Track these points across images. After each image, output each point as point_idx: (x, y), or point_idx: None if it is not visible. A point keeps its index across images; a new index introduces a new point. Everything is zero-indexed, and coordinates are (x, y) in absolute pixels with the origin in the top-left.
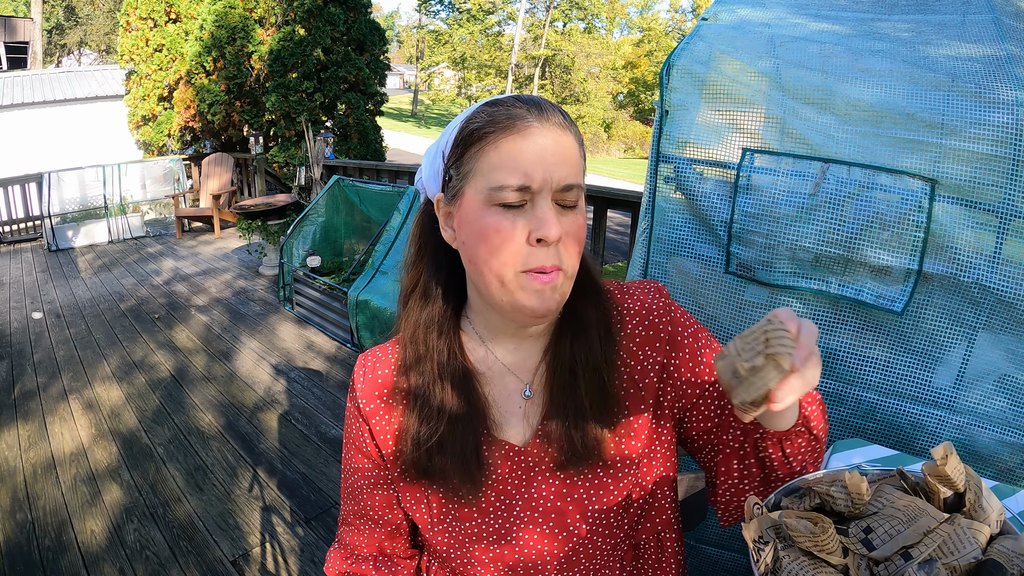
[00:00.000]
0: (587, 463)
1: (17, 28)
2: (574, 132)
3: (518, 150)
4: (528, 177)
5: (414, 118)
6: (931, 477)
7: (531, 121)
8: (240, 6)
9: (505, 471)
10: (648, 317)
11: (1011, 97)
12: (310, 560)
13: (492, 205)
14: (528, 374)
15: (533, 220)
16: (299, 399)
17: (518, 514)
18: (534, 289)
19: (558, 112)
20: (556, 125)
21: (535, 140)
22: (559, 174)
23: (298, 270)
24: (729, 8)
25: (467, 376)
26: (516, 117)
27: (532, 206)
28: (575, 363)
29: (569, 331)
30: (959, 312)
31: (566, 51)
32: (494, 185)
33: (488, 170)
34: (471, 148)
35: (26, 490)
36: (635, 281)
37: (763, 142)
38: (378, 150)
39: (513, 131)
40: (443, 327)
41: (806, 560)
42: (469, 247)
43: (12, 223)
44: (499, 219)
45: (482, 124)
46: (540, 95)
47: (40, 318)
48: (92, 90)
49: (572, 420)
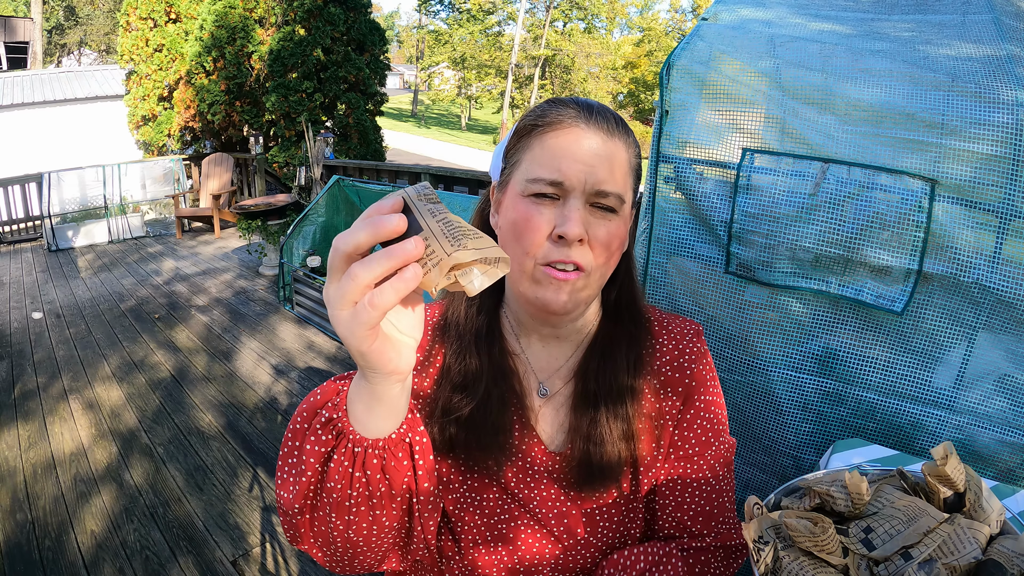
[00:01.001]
0: (600, 489)
1: (17, 28)
2: (625, 141)
3: (559, 147)
4: (562, 174)
5: (414, 118)
6: (931, 477)
7: (578, 121)
8: (240, 6)
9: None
10: (679, 359)
11: (1011, 97)
12: (310, 560)
13: (527, 196)
14: (546, 374)
15: (559, 216)
16: (299, 399)
17: (519, 511)
18: (550, 283)
19: (611, 119)
20: (604, 130)
21: (577, 140)
22: (595, 177)
23: (298, 270)
24: (729, 8)
25: (503, 354)
26: (565, 115)
27: (563, 203)
28: (599, 388)
29: (599, 352)
30: (959, 312)
31: (566, 51)
32: (531, 176)
33: (530, 162)
34: (521, 140)
35: (26, 490)
36: (676, 317)
37: (763, 142)
38: (378, 150)
39: (559, 128)
40: (483, 306)
41: (806, 560)
42: (503, 232)
43: (12, 223)
44: (530, 209)
45: (534, 119)
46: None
47: (40, 318)
48: (92, 90)
49: (592, 447)
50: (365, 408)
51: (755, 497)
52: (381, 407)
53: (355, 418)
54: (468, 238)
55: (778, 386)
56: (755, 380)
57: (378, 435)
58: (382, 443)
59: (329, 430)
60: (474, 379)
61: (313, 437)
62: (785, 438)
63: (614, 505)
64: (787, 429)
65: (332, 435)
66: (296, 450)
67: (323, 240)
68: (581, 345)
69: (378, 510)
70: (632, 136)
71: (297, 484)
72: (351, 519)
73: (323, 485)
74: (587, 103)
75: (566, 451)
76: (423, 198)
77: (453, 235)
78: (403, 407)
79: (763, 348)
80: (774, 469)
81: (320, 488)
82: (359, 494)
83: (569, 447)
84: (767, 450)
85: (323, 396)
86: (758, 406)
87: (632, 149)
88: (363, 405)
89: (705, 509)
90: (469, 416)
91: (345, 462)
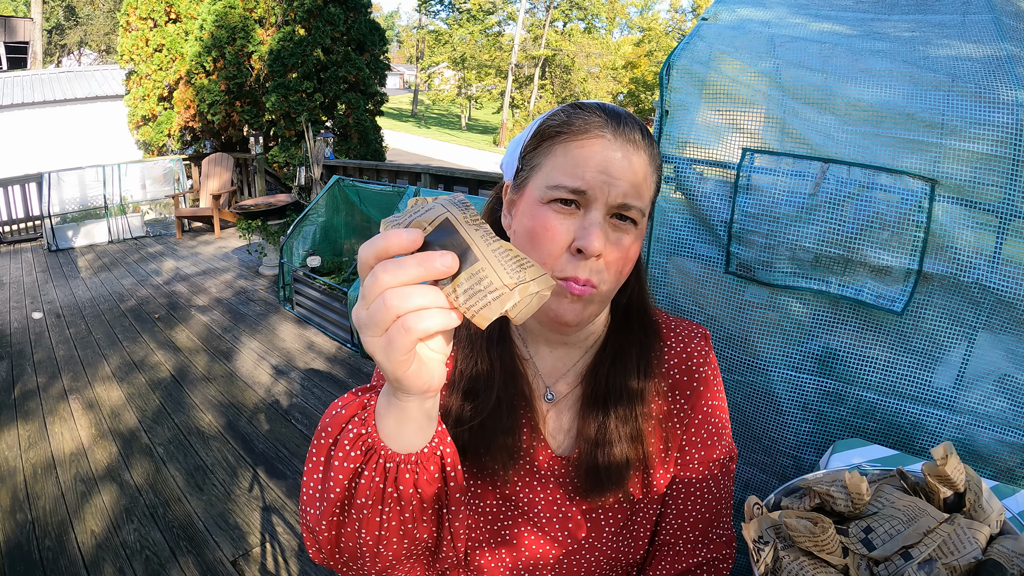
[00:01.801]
0: (606, 493)
1: (17, 28)
2: (650, 152)
3: (583, 156)
4: (586, 183)
5: (414, 118)
6: (931, 477)
7: (605, 131)
8: (240, 6)
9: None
10: (687, 362)
11: (1011, 97)
12: (310, 560)
13: (547, 203)
14: (553, 378)
15: (580, 228)
16: (299, 399)
17: (523, 512)
18: (564, 296)
19: (637, 129)
20: (630, 141)
21: (603, 151)
22: (618, 189)
23: (298, 270)
24: (729, 8)
25: (512, 358)
26: (592, 124)
27: (584, 215)
28: (608, 391)
29: (609, 356)
30: (959, 312)
31: (566, 51)
32: (552, 183)
33: (552, 168)
34: (543, 144)
35: (26, 490)
36: (683, 320)
37: (763, 142)
38: (378, 150)
39: (585, 136)
40: None
41: (806, 560)
42: (518, 237)
43: (12, 223)
44: (549, 218)
45: (558, 124)
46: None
47: (40, 318)
48: (92, 90)
49: (599, 450)
50: (396, 423)
51: (755, 497)
52: (413, 423)
53: (385, 433)
54: (524, 268)
55: (778, 386)
56: (755, 380)
57: (410, 450)
58: (415, 457)
59: (358, 446)
60: (485, 385)
61: (341, 453)
62: (785, 438)
63: (619, 509)
64: (787, 429)
65: (361, 451)
66: (322, 466)
67: (323, 240)
68: (589, 350)
69: (410, 524)
70: (656, 147)
71: (324, 501)
72: (381, 534)
73: (352, 502)
74: (615, 111)
75: (572, 455)
76: (469, 219)
77: (510, 265)
78: (434, 420)
79: (763, 348)
80: (774, 469)
81: (349, 504)
82: (391, 509)
83: (576, 451)
84: (767, 450)
85: (347, 410)
86: (758, 406)
87: (656, 161)
88: (394, 420)
89: (705, 516)
90: (480, 423)
91: (376, 478)
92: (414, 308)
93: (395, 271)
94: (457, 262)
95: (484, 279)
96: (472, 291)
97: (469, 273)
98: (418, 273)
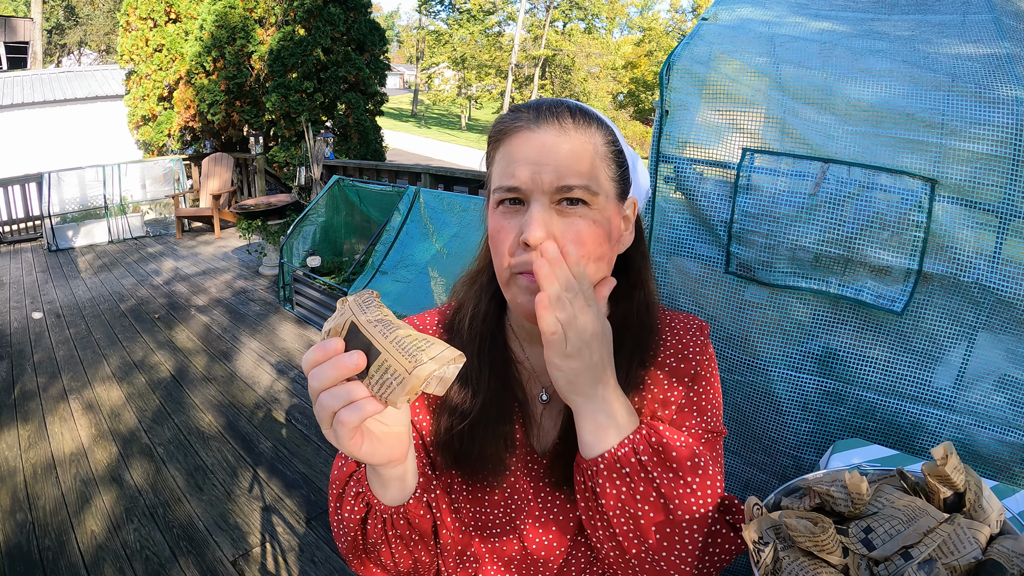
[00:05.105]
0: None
1: (17, 28)
2: (586, 130)
3: (513, 154)
4: (518, 179)
5: (414, 118)
6: (931, 477)
7: (528, 124)
8: (240, 6)
9: (519, 470)
10: (683, 351)
11: (1011, 97)
12: (310, 560)
13: (497, 206)
14: (548, 379)
15: (524, 222)
16: (299, 399)
17: (524, 514)
18: (523, 287)
19: (566, 111)
20: (555, 126)
21: (528, 142)
22: (550, 174)
23: (298, 270)
24: (729, 8)
25: (506, 363)
26: (518, 121)
27: (527, 208)
28: None
29: None
30: (959, 312)
31: (566, 51)
32: (495, 187)
33: (495, 173)
34: (489, 152)
35: (26, 490)
36: (681, 313)
37: (763, 142)
38: (378, 150)
39: (514, 135)
40: (488, 315)
41: (806, 560)
42: (490, 244)
43: (12, 223)
44: (499, 219)
45: (495, 131)
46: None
47: (40, 318)
48: (92, 90)
49: None
50: (380, 487)
51: (755, 497)
52: (392, 485)
53: (375, 492)
54: (422, 350)
55: (778, 386)
56: (755, 380)
57: (398, 504)
58: (403, 509)
59: (360, 501)
60: (474, 394)
61: (349, 505)
62: (785, 438)
63: None
64: (787, 429)
65: (363, 504)
66: (338, 512)
67: (323, 240)
68: None
69: (413, 549)
70: (597, 122)
71: (346, 540)
72: (397, 559)
73: (366, 540)
74: (538, 104)
75: (565, 453)
76: (370, 318)
77: (409, 350)
78: (412, 479)
79: (763, 348)
80: (774, 469)
81: (364, 541)
82: (397, 543)
83: (571, 446)
84: (767, 450)
85: (347, 467)
86: (758, 406)
87: (599, 136)
88: (377, 484)
89: None
90: (470, 432)
91: (379, 525)
92: (342, 404)
93: (320, 377)
94: (364, 359)
95: (389, 368)
96: (380, 381)
97: (377, 365)
98: (335, 374)
